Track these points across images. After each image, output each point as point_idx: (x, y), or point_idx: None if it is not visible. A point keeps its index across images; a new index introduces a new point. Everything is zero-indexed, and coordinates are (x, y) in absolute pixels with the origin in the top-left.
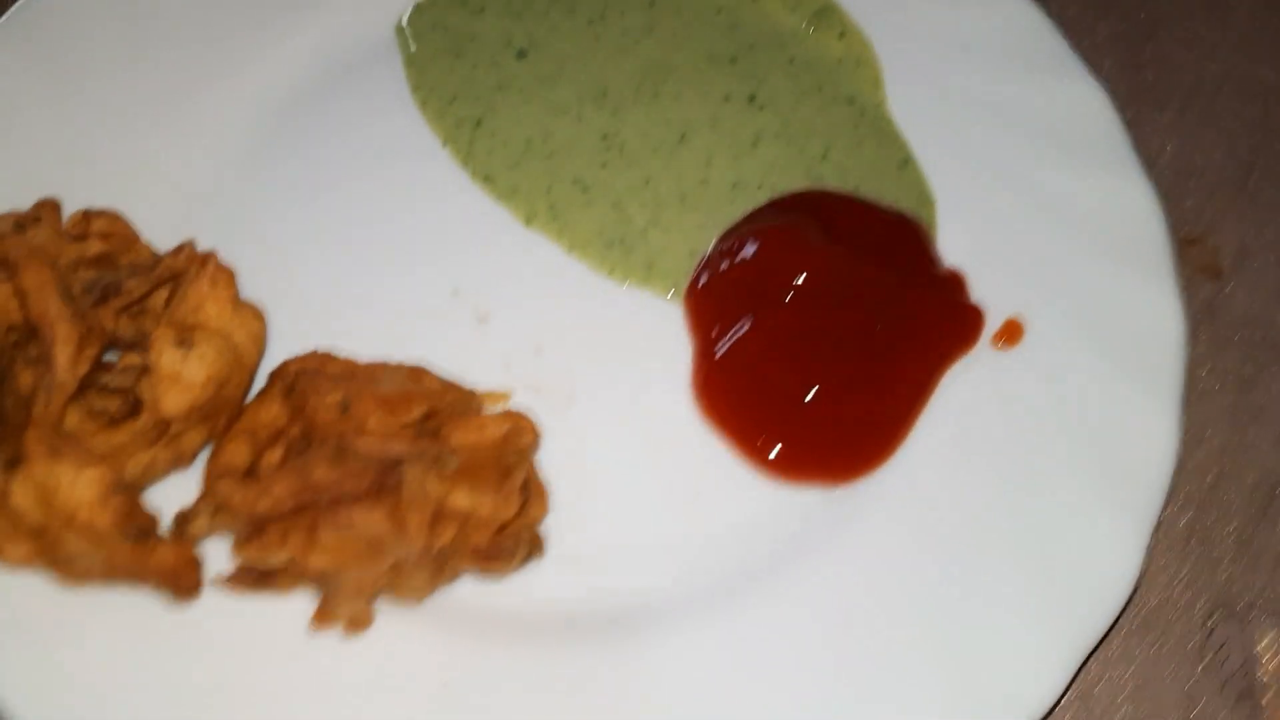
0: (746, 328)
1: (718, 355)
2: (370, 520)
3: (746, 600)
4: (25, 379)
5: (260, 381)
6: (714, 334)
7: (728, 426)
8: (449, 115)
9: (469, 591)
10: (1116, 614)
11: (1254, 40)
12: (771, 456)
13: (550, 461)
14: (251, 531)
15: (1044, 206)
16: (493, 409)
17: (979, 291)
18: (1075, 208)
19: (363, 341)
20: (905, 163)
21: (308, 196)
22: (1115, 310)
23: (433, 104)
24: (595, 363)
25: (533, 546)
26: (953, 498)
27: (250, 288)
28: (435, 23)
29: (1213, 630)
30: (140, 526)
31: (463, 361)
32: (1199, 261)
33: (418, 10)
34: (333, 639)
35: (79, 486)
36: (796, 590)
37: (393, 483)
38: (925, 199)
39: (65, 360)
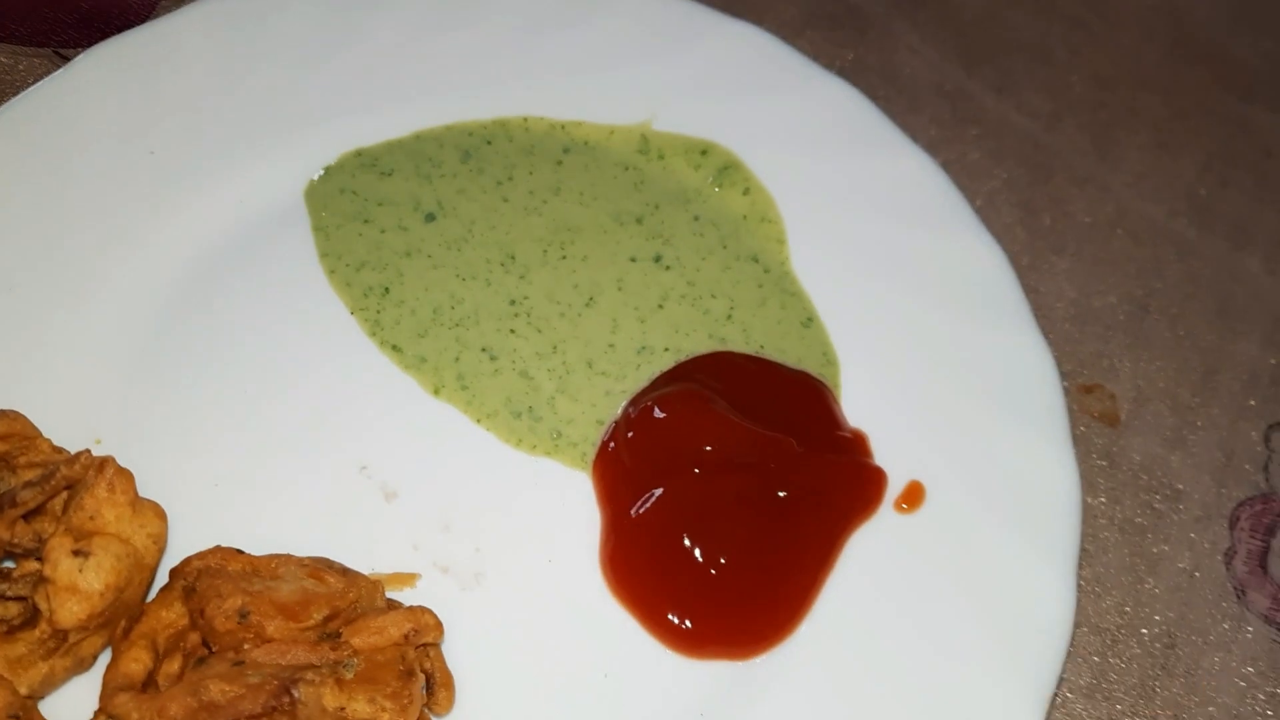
0: (654, 500)
1: (626, 528)
2: None
3: None
4: None
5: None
6: (623, 505)
7: (636, 602)
8: (357, 283)
9: None
10: None
11: (1143, 179)
12: (682, 630)
13: (457, 644)
14: None
15: (943, 366)
16: (397, 593)
17: (881, 453)
18: (973, 368)
19: (269, 523)
20: (809, 321)
21: (213, 373)
22: (1013, 474)
23: (340, 271)
24: (504, 539)
25: None
26: (856, 666)
27: (152, 470)
28: (344, 186)
29: None
30: None
31: (370, 543)
32: (1097, 409)
33: (327, 174)
34: None
35: None
36: None
37: (288, 703)
38: (830, 358)
39: None
